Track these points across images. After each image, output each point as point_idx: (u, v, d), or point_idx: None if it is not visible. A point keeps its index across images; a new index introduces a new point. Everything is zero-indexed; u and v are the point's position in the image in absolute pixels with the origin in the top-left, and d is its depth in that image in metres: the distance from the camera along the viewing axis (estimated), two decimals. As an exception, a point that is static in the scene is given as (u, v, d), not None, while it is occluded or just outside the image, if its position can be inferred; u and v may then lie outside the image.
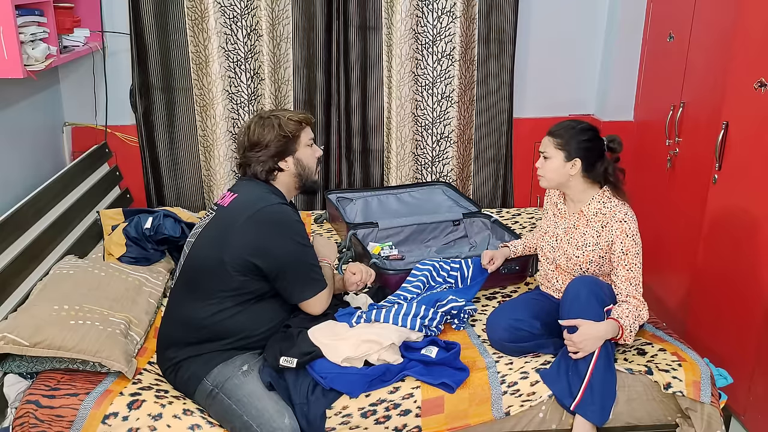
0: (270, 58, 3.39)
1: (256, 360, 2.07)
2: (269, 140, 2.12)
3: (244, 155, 2.17)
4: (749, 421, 2.40)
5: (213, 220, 2.12)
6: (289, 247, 2.05)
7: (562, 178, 2.22)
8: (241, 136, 2.18)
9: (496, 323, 2.25)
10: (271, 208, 2.06)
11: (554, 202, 2.39)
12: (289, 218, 2.09)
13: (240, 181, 2.22)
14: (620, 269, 2.16)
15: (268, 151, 2.13)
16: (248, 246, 2.01)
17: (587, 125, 2.23)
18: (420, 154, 3.64)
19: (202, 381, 2.00)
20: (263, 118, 2.16)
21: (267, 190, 2.15)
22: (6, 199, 2.63)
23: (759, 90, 2.27)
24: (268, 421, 1.90)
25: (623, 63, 3.48)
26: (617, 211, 2.19)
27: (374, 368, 2.06)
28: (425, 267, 2.55)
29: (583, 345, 2.03)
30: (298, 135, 2.17)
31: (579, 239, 2.26)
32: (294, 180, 2.20)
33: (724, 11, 2.59)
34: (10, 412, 2.03)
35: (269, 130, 2.12)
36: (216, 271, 2.02)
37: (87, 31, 3.03)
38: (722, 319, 2.54)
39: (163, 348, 2.11)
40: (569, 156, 2.19)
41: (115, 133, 3.51)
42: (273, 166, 2.15)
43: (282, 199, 2.15)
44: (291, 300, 2.12)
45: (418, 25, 3.44)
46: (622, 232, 2.16)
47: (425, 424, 2.04)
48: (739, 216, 2.42)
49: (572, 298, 2.11)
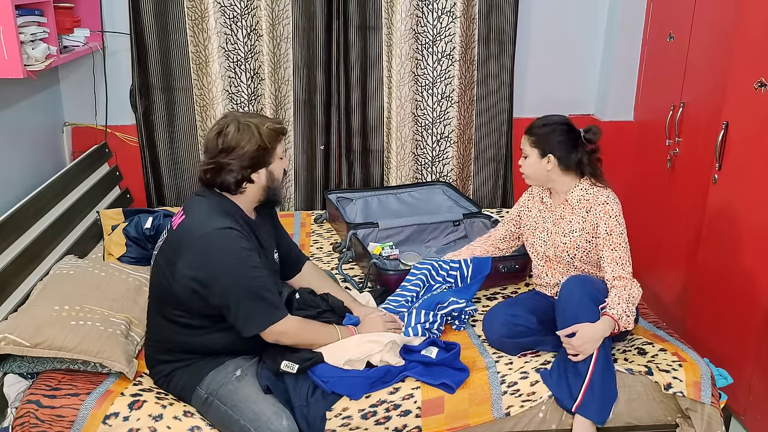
0: (270, 58, 3.39)
1: (249, 364, 2.05)
2: (247, 149, 1.97)
3: (215, 160, 1.98)
4: (749, 421, 2.40)
5: (164, 244, 2.03)
6: (228, 277, 1.90)
7: (542, 174, 2.28)
8: (213, 138, 1.99)
9: (493, 320, 2.27)
10: (210, 236, 1.91)
11: (539, 198, 2.41)
12: (229, 245, 1.93)
13: (192, 198, 2.08)
14: (606, 251, 2.19)
15: (242, 161, 1.97)
16: (191, 277, 1.91)
17: (560, 119, 2.29)
18: (420, 154, 3.64)
19: (196, 389, 1.99)
20: (241, 123, 1.99)
21: (217, 209, 1.99)
22: (6, 199, 2.63)
23: (759, 90, 2.27)
24: (265, 423, 1.89)
25: (623, 63, 3.48)
26: (599, 195, 2.24)
27: (375, 370, 2.06)
28: (424, 266, 2.55)
29: (583, 348, 2.04)
30: (275, 147, 2.04)
31: (566, 227, 2.29)
32: (261, 192, 2.06)
33: (724, 11, 2.59)
34: (10, 412, 2.03)
35: (248, 137, 1.97)
36: (175, 298, 1.97)
37: (87, 31, 3.03)
38: (722, 319, 2.54)
39: (150, 367, 2.10)
40: (543, 152, 2.25)
41: (115, 133, 3.51)
42: (245, 176, 2.00)
43: (231, 220, 1.97)
44: (241, 333, 1.96)
45: (418, 25, 3.43)
46: (605, 214, 2.20)
47: (425, 424, 2.04)
48: (739, 216, 2.42)
49: (566, 300, 2.12)
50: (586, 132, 2.26)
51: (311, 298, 2.26)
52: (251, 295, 1.93)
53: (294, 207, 3.67)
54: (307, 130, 3.55)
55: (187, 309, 1.97)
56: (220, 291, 1.92)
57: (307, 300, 2.25)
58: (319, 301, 2.25)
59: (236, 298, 1.92)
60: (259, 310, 1.95)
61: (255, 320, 1.95)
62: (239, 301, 1.92)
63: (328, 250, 3.04)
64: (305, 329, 2.07)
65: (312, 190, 3.64)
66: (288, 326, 2.00)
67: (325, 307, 2.23)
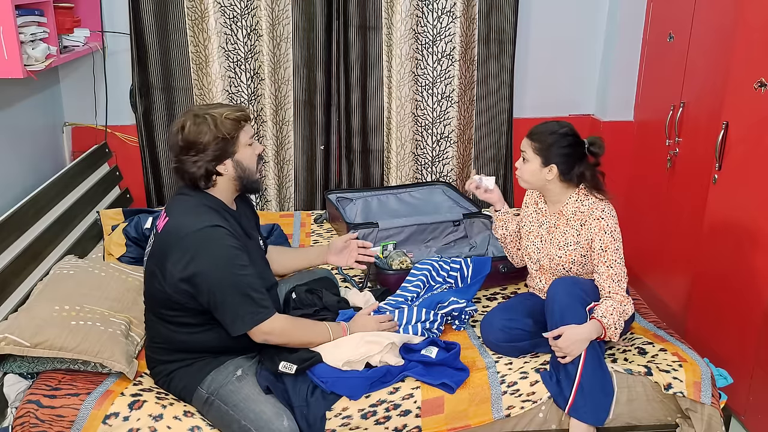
0: (270, 58, 3.39)
1: (250, 363, 2.05)
2: (206, 142, 1.94)
3: (178, 157, 1.97)
4: (749, 422, 2.40)
5: (152, 248, 2.02)
6: (214, 275, 1.89)
7: (539, 182, 2.22)
8: (174, 135, 1.98)
9: (490, 325, 2.26)
10: (196, 235, 1.90)
11: (535, 200, 2.38)
12: (216, 243, 1.91)
13: (173, 199, 2.07)
14: (601, 266, 2.15)
15: (205, 156, 1.95)
16: (180, 278, 1.90)
17: (567, 130, 2.20)
18: (420, 154, 3.64)
19: (197, 390, 1.99)
20: (198, 116, 1.95)
21: (200, 207, 1.98)
22: (6, 199, 2.63)
23: (759, 90, 2.27)
24: (266, 423, 1.89)
25: (623, 63, 3.48)
26: (595, 208, 2.19)
27: (375, 370, 2.06)
28: (425, 267, 2.55)
29: (569, 349, 2.03)
30: (237, 135, 1.99)
31: (560, 239, 2.26)
32: (234, 184, 2.04)
33: (724, 11, 2.59)
34: (10, 412, 2.03)
35: (206, 129, 1.94)
36: (169, 299, 1.96)
37: (87, 31, 3.03)
38: (722, 319, 2.54)
39: (151, 368, 2.10)
40: (546, 162, 2.18)
41: (115, 133, 3.51)
42: (211, 170, 1.98)
43: (216, 216, 1.97)
44: (229, 332, 1.95)
45: (418, 25, 3.43)
46: (600, 230, 2.16)
47: (425, 424, 2.04)
48: (739, 216, 2.42)
49: (552, 303, 2.12)
50: (591, 145, 2.19)
51: (308, 296, 2.26)
52: (237, 293, 1.91)
53: (294, 207, 3.67)
54: (307, 130, 3.55)
55: (182, 308, 1.97)
56: (206, 289, 1.90)
57: (304, 299, 2.25)
58: (315, 299, 2.26)
59: (222, 296, 1.90)
60: (245, 308, 1.92)
61: (241, 319, 1.92)
62: (225, 300, 1.90)
63: (328, 250, 3.04)
64: (294, 328, 2.04)
65: (312, 190, 3.64)
66: (275, 326, 1.97)
67: (321, 306, 2.24)
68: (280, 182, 3.62)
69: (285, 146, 3.57)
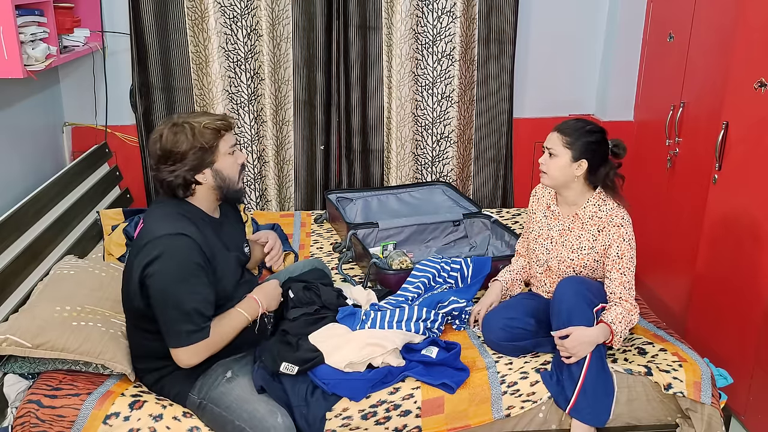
0: (270, 58, 3.39)
1: (240, 365, 2.05)
2: (183, 151, 1.92)
3: (156, 166, 1.95)
4: (749, 422, 2.40)
5: (128, 256, 2.00)
6: (163, 283, 1.86)
7: (567, 178, 2.17)
8: (152, 144, 1.96)
9: (492, 324, 2.25)
10: (160, 240, 1.87)
11: (546, 204, 2.34)
12: (176, 252, 1.87)
13: (151, 206, 2.01)
14: (614, 273, 2.15)
15: (183, 165, 1.93)
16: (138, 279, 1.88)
17: (597, 126, 2.18)
18: (420, 154, 3.64)
19: (189, 396, 1.99)
20: (176, 125, 1.94)
21: (173, 215, 1.95)
22: (6, 199, 2.63)
23: (759, 90, 2.27)
24: (260, 422, 1.89)
25: (623, 63, 3.49)
26: (614, 215, 2.18)
27: (377, 372, 2.06)
28: (427, 270, 2.54)
29: (576, 350, 2.03)
30: (216, 145, 1.96)
31: (574, 242, 2.24)
32: (214, 192, 2.01)
33: (724, 11, 2.59)
34: (10, 412, 2.03)
35: (183, 139, 1.92)
36: (138, 306, 1.93)
37: (87, 31, 3.03)
38: (722, 319, 2.54)
39: (139, 378, 2.08)
40: (576, 156, 2.14)
41: (115, 133, 3.51)
42: (189, 179, 1.95)
43: (187, 223, 1.93)
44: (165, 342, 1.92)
45: (418, 25, 3.44)
46: (619, 237, 2.15)
47: (425, 424, 2.04)
48: (739, 216, 2.43)
49: (559, 302, 2.11)
50: (615, 146, 2.17)
51: (306, 295, 2.25)
52: (178, 310, 1.86)
53: (294, 207, 3.67)
54: (307, 130, 3.55)
55: (152, 316, 1.93)
56: (153, 293, 1.87)
57: (303, 297, 2.24)
58: (314, 297, 2.26)
59: (164, 306, 1.87)
60: (180, 326, 1.87)
61: (176, 335, 1.88)
62: (166, 311, 1.87)
63: (328, 250, 3.04)
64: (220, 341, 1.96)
65: (312, 190, 3.64)
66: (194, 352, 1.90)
67: (321, 304, 2.24)
68: (280, 182, 3.62)
69: (285, 146, 3.57)
